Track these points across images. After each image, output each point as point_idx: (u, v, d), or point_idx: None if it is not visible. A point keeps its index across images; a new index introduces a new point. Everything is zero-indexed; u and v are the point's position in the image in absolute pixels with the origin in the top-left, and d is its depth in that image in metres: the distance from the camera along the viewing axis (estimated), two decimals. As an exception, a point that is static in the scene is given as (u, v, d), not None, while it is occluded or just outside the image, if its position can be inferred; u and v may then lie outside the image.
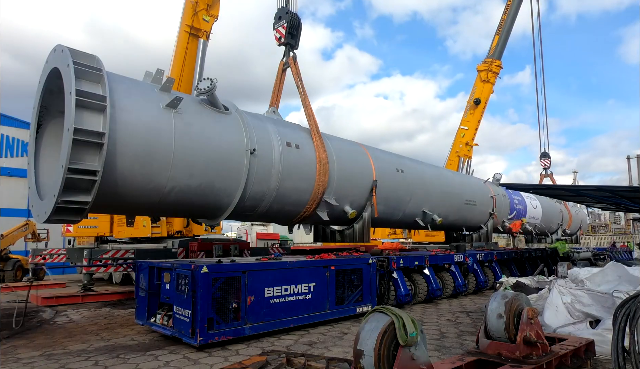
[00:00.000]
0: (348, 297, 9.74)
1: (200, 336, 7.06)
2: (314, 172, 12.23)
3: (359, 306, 9.75)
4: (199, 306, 7.14)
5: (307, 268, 9.00)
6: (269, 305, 8.09)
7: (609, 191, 11.81)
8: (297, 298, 8.61)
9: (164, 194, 9.31)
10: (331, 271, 9.34)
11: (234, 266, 7.89)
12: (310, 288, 8.82)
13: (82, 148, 7.70)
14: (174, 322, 7.63)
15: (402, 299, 11.21)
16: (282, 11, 13.93)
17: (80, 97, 7.68)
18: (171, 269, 7.98)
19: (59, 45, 8.41)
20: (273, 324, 8.11)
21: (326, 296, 9.16)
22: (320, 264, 9.36)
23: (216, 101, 10.47)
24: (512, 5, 28.38)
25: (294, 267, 8.81)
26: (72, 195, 7.81)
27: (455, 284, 13.30)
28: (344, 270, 9.77)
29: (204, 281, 7.25)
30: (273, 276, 8.35)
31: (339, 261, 9.86)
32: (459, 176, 21.39)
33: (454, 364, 5.07)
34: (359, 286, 9.95)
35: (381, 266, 11.08)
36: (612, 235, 56.89)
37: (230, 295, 7.62)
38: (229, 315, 7.51)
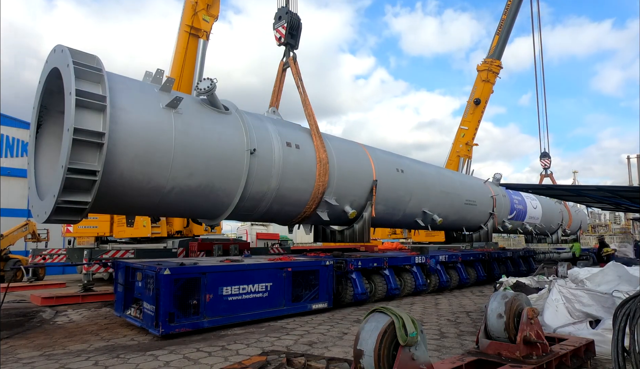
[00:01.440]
0: (305, 295, 10.50)
1: (162, 328, 7.98)
2: (314, 172, 12.22)
3: (314, 304, 10.57)
4: (162, 302, 8.03)
5: (264, 270, 9.72)
6: (226, 302, 8.90)
7: (609, 191, 11.81)
8: (254, 296, 9.42)
9: (164, 194, 9.31)
10: (288, 272, 10.10)
11: (193, 269, 8.70)
12: (266, 287, 9.64)
13: (82, 148, 7.69)
14: (143, 315, 8.55)
15: (358, 297, 11.73)
16: (282, 11, 13.93)
17: (80, 97, 7.68)
18: (142, 270, 8.82)
19: (58, 46, 8.40)
20: (229, 318, 8.93)
21: (282, 294, 9.92)
22: (277, 266, 10.06)
23: (216, 101, 10.47)
24: (512, 5, 28.37)
25: (251, 269, 9.53)
26: (72, 195, 7.82)
27: (416, 284, 13.83)
28: (301, 271, 10.49)
29: (166, 281, 8.09)
30: (231, 277, 9.12)
31: (296, 263, 10.58)
32: (459, 176, 21.39)
33: (454, 364, 5.06)
34: (315, 286, 10.67)
35: (339, 268, 11.57)
36: (611, 235, 56.86)
37: (191, 293, 8.47)
38: (189, 310, 8.39)
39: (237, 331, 8.76)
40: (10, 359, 6.92)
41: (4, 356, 7.14)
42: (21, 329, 9.36)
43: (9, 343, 8.08)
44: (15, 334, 8.80)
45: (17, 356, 7.11)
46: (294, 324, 9.43)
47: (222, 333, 8.55)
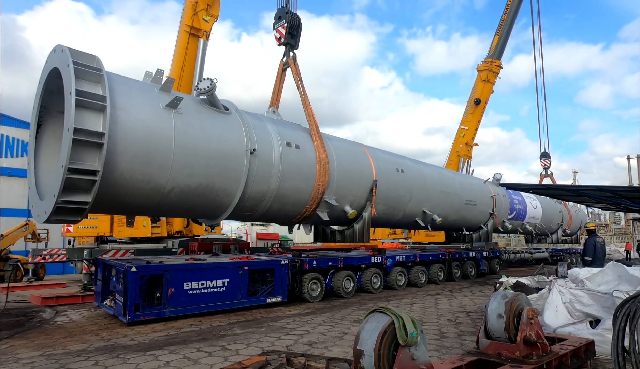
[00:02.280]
0: (262, 290, 11.48)
1: (129, 315, 9.19)
2: (314, 172, 12.22)
3: (269, 297, 11.59)
4: (129, 294, 9.24)
5: (222, 268, 10.76)
6: (187, 295, 10.03)
7: (609, 191, 11.80)
8: (213, 290, 10.50)
9: (164, 194, 9.31)
10: (244, 270, 11.12)
11: (157, 267, 9.85)
12: (224, 282, 10.71)
13: (82, 148, 7.69)
14: (115, 305, 9.84)
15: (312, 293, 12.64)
16: (282, 11, 13.93)
17: (80, 97, 7.68)
18: (115, 266, 10.01)
19: (58, 46, 8.40)
20: (190, 309, 10.06)
21: (239, 289, 10.97)
22: (235, 264, 11.10)
23: (216, 101, 10.47)
24: (511, 5, 28.36)
25: (210, 267, 10.56)
26: (72, 195, 7.82)
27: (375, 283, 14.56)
28: (258, 269, 11.47)
29: (132, 277, 9.26)
30: (191, 273, 10.19)
31: (252, 262, 11.50)
32: (459, 176, 21.39)
33: (454, 364, 5.06)
34: (272, 282, 11.65)
35: (295, 266, 12.29)
36: (611, 235, 56.87)
37: (155, 287, 9.68)
38: (154, 302, 9.63)
39: (237, 330, 8.76)
40: (10, 359, 6.92)
41: (4, 356, 7.14)
42: (21, 329, 9.36)
43: (9, 343, 8.08)
44: (15, 334, 8.80)
45: (17, 356, 7.11)
46: (294, 324, 9.44)
47: (222, 333, 8.55)
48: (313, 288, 12.62)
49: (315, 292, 12.66)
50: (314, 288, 12.66)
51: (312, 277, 12.61)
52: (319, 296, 12.70)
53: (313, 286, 12.63)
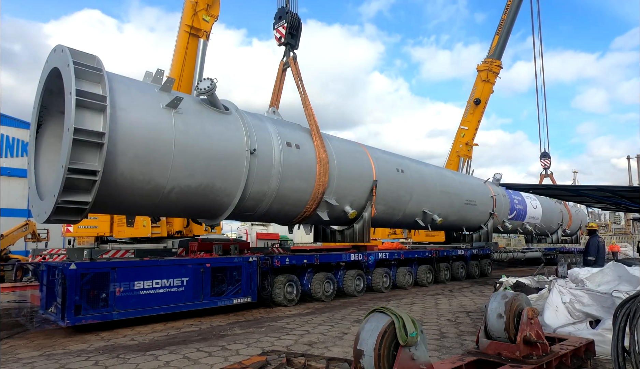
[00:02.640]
0: (228, 290, 10.81)
1: (68, 319, 8.36)
2: (314, 172, 12.22)
3: (236, 298, 10.90)
4: (67, 295, 8.45)
5: (179, 266, 10.07)
6: (138, 296, 9.27)
7: (609, 191, 11.79)
8: (169, 290, 9.76)
9: (164, 194, 9.31)
10: (206, 268, 10.44)
11: (101, 264, 9.32)
12: (183, 282, 9.99)
13: (82, 148, 7.69)
14: (56, 309, 8.95)
15: (287, 295, 11.95)
16: (282, 11, 13.92)
17: (80, 97, 7.68)
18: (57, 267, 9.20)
19: (59, 45, 8.40)
20: (142, 311, 9.33)
21: (201, 289, 10.26)
22: (194, 262, 10.45)
23: (216, 101, 10.47)
24: (511, 5, 28.36)
25: (165, 265, 9.92)
26: (72, 195, 7.81)
27: (355, 284, 13.85)
28: (223, 267, 10.83)
29: (71, 276, 8.52)
30: (144, 272, 9.46)
31: (215, 259, 10.96)
32: (459, 176, 21.38)
33: (454, 364, 5.06)
34: (239, 281, 10.98)
35: (265, 264, 11.55)
36: (611, 235, 56.86)
37: (100, 287, 8.90)
38: (98, 303, 8.83)
39: (237, 330, 8.76)
40: (10, 359, 6.92)
41: (4, 356, 7.14)
42: (21, 329, 9.36)
43: (9, 343, 8.08)
44: (15, 334, 8.80)
45: (17, 356, 7.11)
46: (294, 324, 9.44)
47: (222, 333, 8.55)
48: (288, 290, 11.86)
49: (292, 294, 11.93)
50: (290, 290, 11.89)
51: (286, 279, 11.83)
52: (295, 299, 11.98)
53: (288, 289, 11.86)
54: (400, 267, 15.73)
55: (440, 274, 17.50)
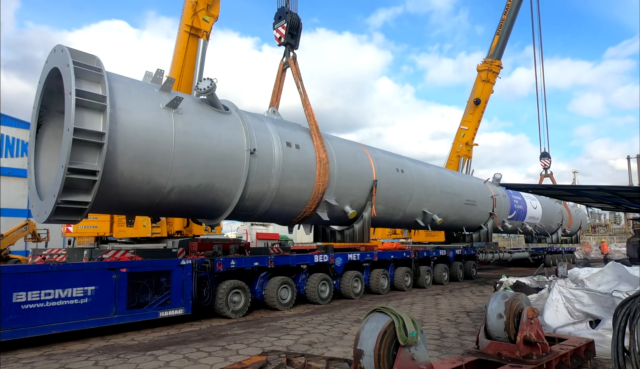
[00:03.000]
0: (153, 300, 9.05)
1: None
2: (314, 172, 12.22)
3: (164, 310, 9.06)
4: None
5: (83, 271, 8.34)
6: (19, 311, 7.37)
7: (609, 191, 11.80)
8: (67, 302, 7.90)
9: (164, 194, 9.31)
10: (121, 273, 8.66)
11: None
12: (87, 291, 8.17)
13: (82, 148, 7.68)
14: None
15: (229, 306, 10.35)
16: (282, 11, 13.91)
17: (80, 97, 7.67)
18: None
19: (58, 46, 8.40)
20: (25, 331, 7.41)
21: (112, 300, 8.44)
22: (104, 266, 8.69)
23: (216, 101, 10.46)
24: (511, 5, 28.35)
25: (61, 270, 8.05)
26: (72, 195, 7.80)
27: (326, 290, 12.56)
28: (145, 272, 9.02)
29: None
30: (29, 279, 7.63)
31: (134, 263, 9.20)
32: (459, 176, 21.38)
33: (454, 364, 5.06)
34: (168, 290, 9.24)
35: (204, 268, 10.02)
36: (611, 235, 56.85)
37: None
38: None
39: (237, 331, 8.76)
40: (10, 359, 6.92)
41: (4, 356, 7.14)
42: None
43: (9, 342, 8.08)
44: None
45: (17, 356, 7.11)
46: (294, 324, 9.44)
47: (222, 333, 8.55)
48: (234, 299, 10.35)
49: (239, 305, 10.35)
50: (236, 299, 10.38)
51: (232, 286, 10.29)
52: (243, 309, 10.40)
53: (234, 298, 10.35)
54: (374, 270, 14.60)
55: (420, 279, 16.18)
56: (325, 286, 12.59)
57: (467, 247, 20.31)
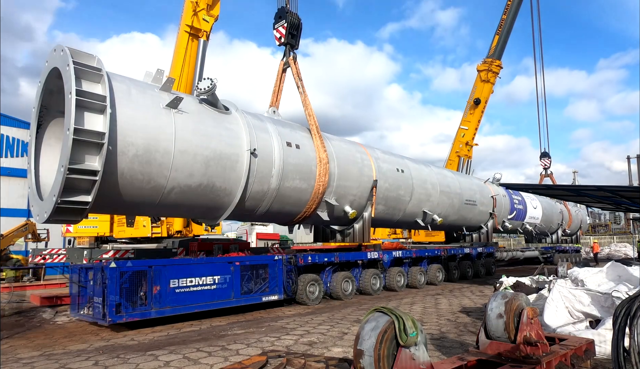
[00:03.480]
0: (256, 288, 11.04)
1: (109, 317, 8.50)
2: (314, 172, 12.22)
3: (265, 296, 11.13)
4: (108, 293, 8.57)
5: (211, 264, 10.32)
6: (174, 294, 9.39)
7: (609, 191, 11.81)
8: (202, 288, 9.93)
9: (164, 193, 9.31)
10: (236, 266, 10.63)
11: (139, 262, 9.45)
12: (215, 280, 10.17)
13: (83, 148, 7.68)
14: (93, 309, 9.01)
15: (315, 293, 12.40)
16: (282, 11, 13.91)
17: (80, 97, 7.67)
18: (92, 268, 9.40)
19: (58, 45, 8.40)
20: (177, 309, 9.45)
21: (231, 287, 10.45)
22: (225, 261, 10.64)
23: (216, 100, 10.47)
24: (512, 5, 28.37)
25: (198, 263, 10.16)
26: (72, 195, 7.80)
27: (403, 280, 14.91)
28: (251, 265, 11.05)
29: (112, 274, 8.62)
30: (178, 270, 9.59)
31: (244, 258, 11.12)
32: (459, 176, 21.37)
33: (454, 364, 5.05)
34: (266, 279, 11.23)
35: (290, 262, 11.83)
36: (611, 235, 56.87)
37: (138, 285, 9.05)
38: (137, 301, 8.98)
39: (237, 330, 8.76)
40: (10, 359, 6.92)
41: (4, 356, 7.14)
42: (21, 329, 9.36)
43: (9, 343, 8.09)
44: (15, 334, 8.80)
45: (17, 356, 7.11)
46: (294, 324, 9.44)
47: (222, 333, 8.55)
48: (311, 290, 12.16)
49: (314, 294, 12.25)
50: (312, 289, 12.20)
51: (310, 279, 12.18)
52: (318, 298, 12.31)
53: (310, 288, 12.17)
54: (412, 267, 16.15)
55: (449, 274, 17.76)
56: (376, 279, 14.27)
57: (487, 245, 21.31)
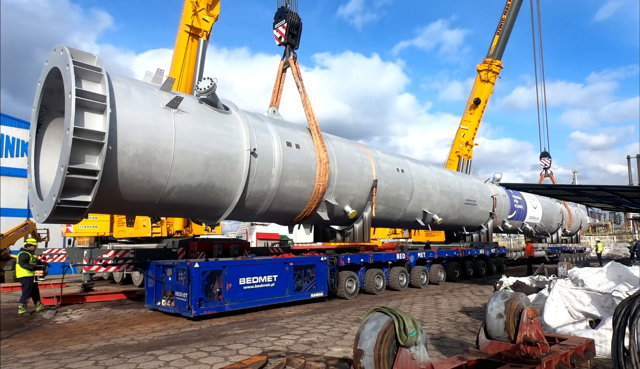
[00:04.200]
0: (305, 286, 12.15)
1: (194, 310, 9.62)
2: (314, 172, 12.22)
3: (312, 292, 12.24)
4: (193, 289, 9.67)
5: (271, 264, 11.41)
6: (242, 290, 10.57)
7: (609, 191, 11.81)
8: (264, 285, 11.07)
9: (164, 193, 9.31)
10: (290, 266, 11.72)
11: (216, 263, 10.42)
12: (273, 278, 11.30)
13: (82, 148, 7.68)
14: (176, 303, 10.18)
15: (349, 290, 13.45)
16: (282, 11, 13.91)
17: (80, 97, 7.66)
18: (172, 266, 10.43)
19: (58, 45, 8.40)
20: (245, 303, 10.62)
21: (286, 284, 11.58)
22: (282, 261, 11.73)
23: (216, 100, 10.46)
24: (512, 5, 28.37)
25: (261, 263, 11.21)
26: (72, 195, 7.81)
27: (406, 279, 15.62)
28: (301, 266, 12.15)
29: (195, 273, 9.71)
30: (246, 270, 10.73)
31: (296, 259, 12.20)
32: (459, 176, 21.37)
33: (454, 364, 5.05)
34: (313, 278, 12.37)
35: (332, 263, 12.95)
36: (611, 235, 56.86)
37: (215, 283, 10.21)
38: (214, 296, 10.15)
39: (237, 330, 8.76)
40: (10, 359, 6.92)
41: (4, 356, 7.14)
42: (21, 329, 9.36)
43: (9, 342, 8.08)
44: (15, 334, 8.80)
45: (17, 356, 7.10)
46: (294, 323, 9.43)
47: (222, 333, 8.55)
48: (349, 285, 13.19)
49: (351, 289, 13.24)
50: (350, 285, 13.23)
51: (348, 275, 13.23)
52: (355, 293, 13.31)
53: (349, 284, 13.20)
54: (433, 265, 17.11)
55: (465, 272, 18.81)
56: (403, 276, 15.37)
57: (499, 247, 22.37)
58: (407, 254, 15.73)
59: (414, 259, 16.06)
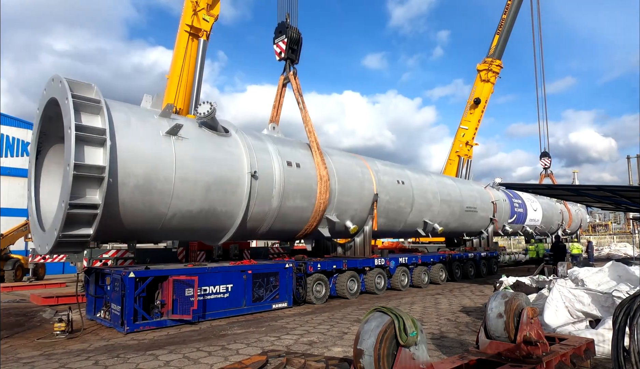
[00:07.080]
0: (266, 295, 11.09)
1: (127, 326, 8.56)
2: (315, 190, 12.12)
3: (274, 303, 11.23)
4: (126, 303, 8.59)
5: (225, 272, 10.29)
6: (189, 302, 9.25)
7: (609, 191, 11.80)
8: (216, 296, 10.01)
9: (166, 220, 9.22)
10: (248, 274, 10.68)
11: (157, 271, 9.28)
12: (227, 288, 10.24)
13: (83, 183, 7.60)
14: (111, 316, 9.17)
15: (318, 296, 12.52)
16: (282, 26, 13.81)
17: (80, 131, 7.57)
18: (110, 274, 9.41)
19: (56, 76, 8.29)
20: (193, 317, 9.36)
21: (243, 294, 10.53)
22: (238, 269, 10.61)
23: (216, 124, 10.37)
24: (512, 5, 28.39)
25: (212, 271, 10.06)
26: (74, 229, 7.75)
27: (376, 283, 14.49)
28: (262, 273, 11.04)
29: (130, 284, 8.63)
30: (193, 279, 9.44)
31: (256, 266, 11.02)
32: (459, 183, 21.21)
33: (454, 364, 5.05)
34: (276, 287, 11.29)
35: (299, 270, 11.92)
36: (611, 235, 56.84)
37: (159, 293, 9.22)
38: (157, 309, 9.12)
39: (237, 330, 8.76)
40: (10, 359, 6.92)
41: (4, 355, 7.14)
42: (21, 329, 9.35)
43: (9, 342, 8.08)
44: (15, 334, 8.79)
45: (17, 356, 7.10)
46: (294, 323, 9.43)
47: (222, 333, 8.55)
48: (317, 289, 12.33)
49: (321, 294, 12.39)
50: (319, 289, 12.38)
51: (316, 278, 12.33)
52: (324, 297, 12.47)
53: (317, 287, 12.34)
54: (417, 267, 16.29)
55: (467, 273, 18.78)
56: (381, 278, 14.51)
57: (490, 250, 21.67)
58: (386, 259, 14.73)
59: (395, 265, 15.00)
